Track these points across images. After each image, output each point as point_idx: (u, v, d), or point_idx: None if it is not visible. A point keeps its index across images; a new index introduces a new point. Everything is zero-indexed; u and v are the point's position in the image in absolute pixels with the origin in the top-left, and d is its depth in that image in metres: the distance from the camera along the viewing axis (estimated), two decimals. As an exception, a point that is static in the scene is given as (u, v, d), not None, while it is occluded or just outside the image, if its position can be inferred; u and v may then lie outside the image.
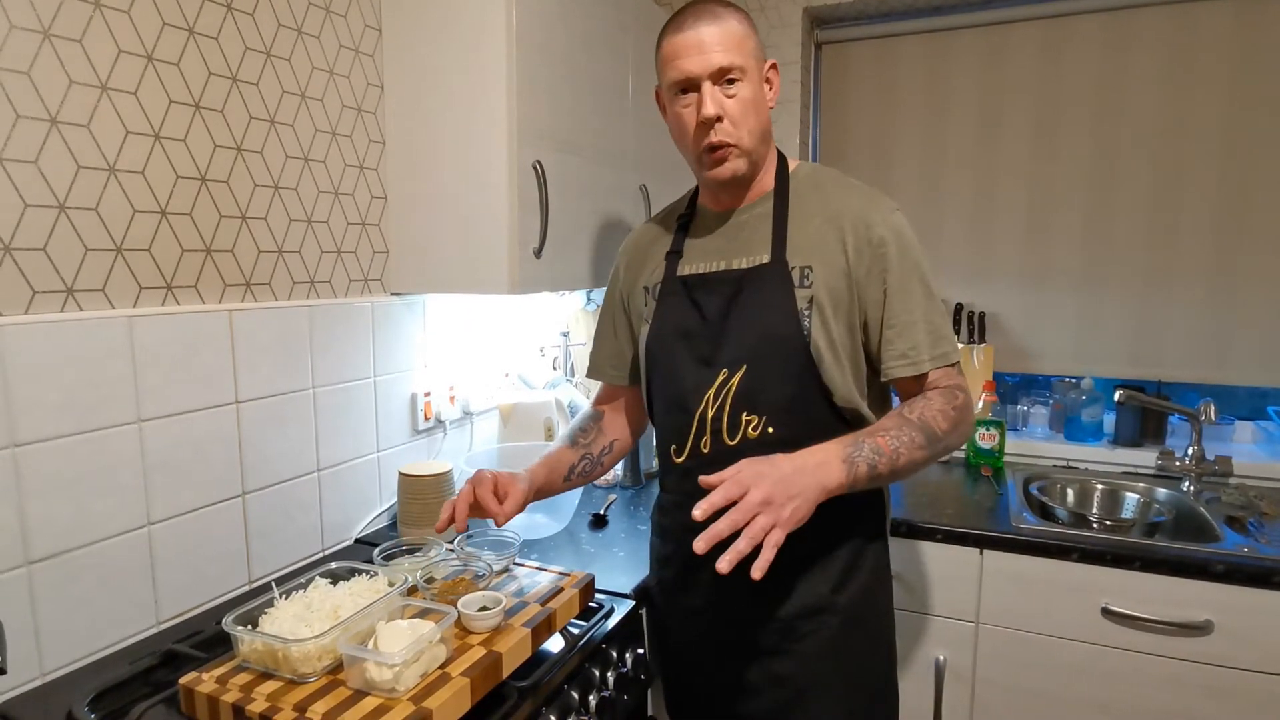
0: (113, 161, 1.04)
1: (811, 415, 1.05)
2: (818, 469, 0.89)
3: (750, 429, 1.05)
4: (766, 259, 1.07)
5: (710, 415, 1.07)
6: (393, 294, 1.54)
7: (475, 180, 1.39)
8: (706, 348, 1.09)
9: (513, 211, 1.37)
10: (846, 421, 1.07)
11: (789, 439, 1.04)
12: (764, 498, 0.83)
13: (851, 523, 1.10)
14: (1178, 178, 2.02)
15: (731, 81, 1.03)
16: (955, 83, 2.22)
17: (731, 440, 1.07)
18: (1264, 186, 1.94)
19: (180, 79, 1.11)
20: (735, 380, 1.05)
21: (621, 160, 1.76)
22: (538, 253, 1.42)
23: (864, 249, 1.03)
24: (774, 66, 1.09)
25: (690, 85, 1.05)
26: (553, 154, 1.46)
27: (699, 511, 0.83)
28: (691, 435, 1.10)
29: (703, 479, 0.87)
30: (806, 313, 1.03)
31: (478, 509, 1.06)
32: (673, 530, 1.19)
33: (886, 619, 1.17)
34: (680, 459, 1.12)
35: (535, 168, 1.41)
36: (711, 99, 1.03)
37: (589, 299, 2.25)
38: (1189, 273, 2.03)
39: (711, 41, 1.02)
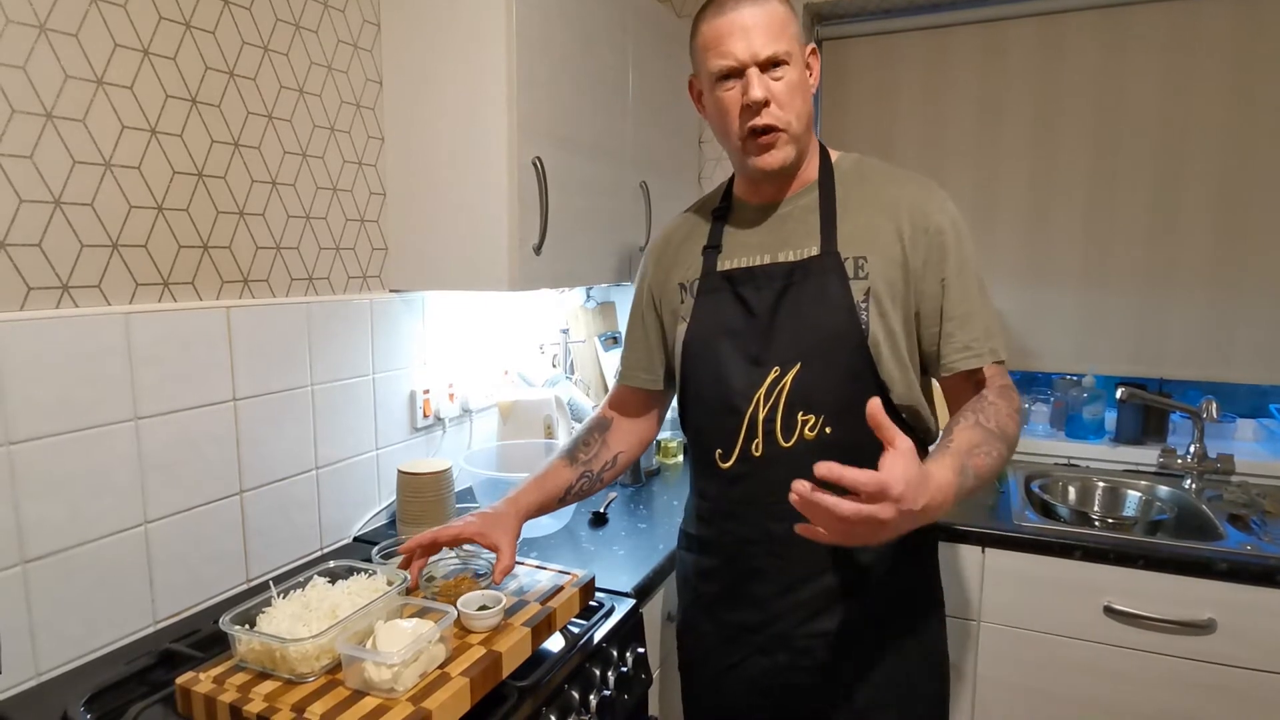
0: (109, 157, 1.03)
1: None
2: (941, 504, 0.79)
3: (807, 429, 1.00)
4: (816, 250, 1.02)
5: (762, 416, 1.02)
6: (392, 291, 1.53)
7: (475, 177, 1.38)
8: (755, 345, 1.03)
9: (512, 208, 1.36)
10: (904, 420, 1.03)
11: (847, 441, 0.99)
12: (887, 521, 0.73)
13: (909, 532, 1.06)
14: (1179, 174, 2.01)
15: (777, 66, 0.98)
16: (955, 80, 2.21)
17: (787, 442, 1.01)
18: (1265, 183, 1.94)
19: (177, 74, 1.10)
20: (789, 379, 1.00)
21: (621, 157, 1.75)
22: (537, 249, 1.42)
23: (920, 239, 0.99)
24: (814, 51, 1.04)
25: (734, 72, 0.99)
26: (553, 150, 1.46)
27: (823, 470, 0.72)
28: (741, 438, 1.03)
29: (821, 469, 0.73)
30: (864, 305, 0.99)
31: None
32: (718, 542, 1.11)
33: (941, 630, 1.14)
34: (727, 464, 1.05)
35: (535, 164, 1.40)
36: (758, 82, 0.97)
37: (589, 296, 2.24)
38: (1190, 270, 2.02)
39: (755, 26, 0.96)
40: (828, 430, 1.00)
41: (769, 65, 0.98)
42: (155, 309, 1.09)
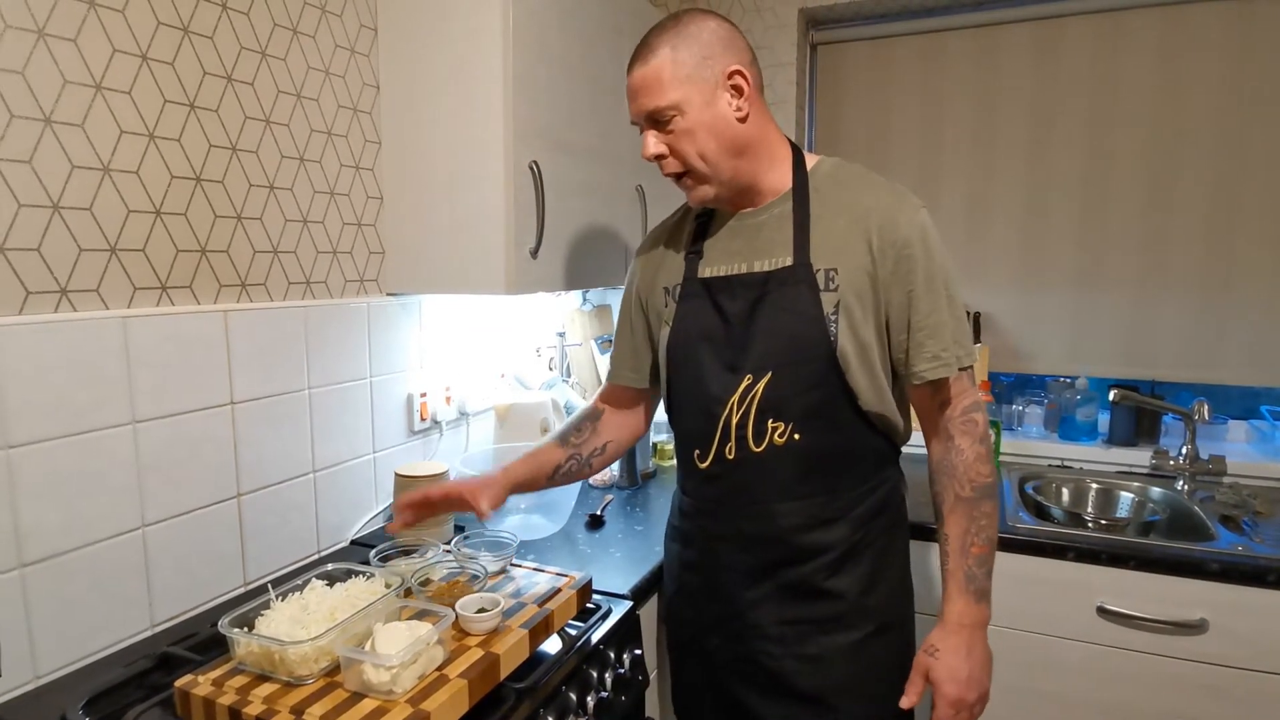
0: (107, 161, 1.03)
1: (838, 421, 1.05)
2: (981, 633, 1.06)
3: (776, 435, 1.05)
4: (789, 261, 1.05)
5: (735, 421, 1.06)
6: (389, 294, 1.53)
7: (471, 180, 1.39)
8: (730, 352, 1.07)
9: (509, 212, 1.37)
10: (871, 424, 1.07)
11: (815, 445, 1.05)
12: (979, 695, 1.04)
13: (874, 522, 1.10)
14: (1172, 178, 2.03)
15: (667, 120, 1.02)
16: (950, 84, 2.23)
17: (757, 447, 1.06)
18: (1257, 187, 1.95)
19: (175, 78, 1.11)
20: (760, 386, 1.04)
21: (618, 160, 1.76)
22: (534, 253, 1.42)
23: (888, 250, 1.02)
24: (737, 72, 1.01)
25: (640, 128, 1.07)
26: (549, 154, 1.46)
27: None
28: (716, 441, 1.08)
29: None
30: (833, 317, 1.02)
31: (453, 506, 1.10)
32: (697, 536, 1.17)
33: (910, 624, 1.17)
34: (705, 464, 1.11)
35: (532, 168, 1.40)
36: (651, 141, 1.05)
37: (585, 299, 2.24)
38: (1183, 273, 2.04)
39: (638, 86, 1.03)
40: (796, 437, 1.05)
41: (656, 121, 1.04)
42: (153, 313, 1.09)
